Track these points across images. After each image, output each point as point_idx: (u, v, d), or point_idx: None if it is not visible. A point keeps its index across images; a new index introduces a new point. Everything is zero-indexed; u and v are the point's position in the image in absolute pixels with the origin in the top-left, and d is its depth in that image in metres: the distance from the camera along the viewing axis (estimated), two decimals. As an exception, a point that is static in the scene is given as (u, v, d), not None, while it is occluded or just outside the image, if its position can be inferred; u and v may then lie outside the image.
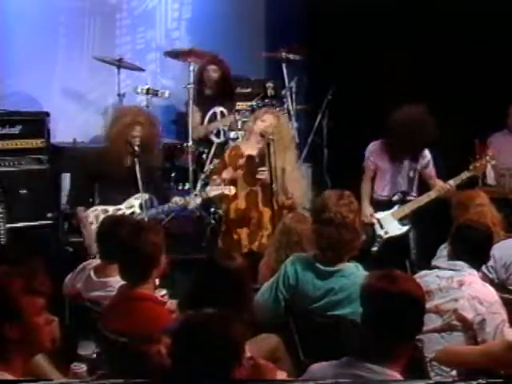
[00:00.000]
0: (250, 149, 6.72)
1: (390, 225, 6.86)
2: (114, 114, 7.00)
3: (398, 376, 3.18)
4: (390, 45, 8.18)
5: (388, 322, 3.18)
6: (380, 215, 6.89)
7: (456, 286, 4.52)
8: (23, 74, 7.98)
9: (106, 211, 6.48)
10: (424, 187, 6.96)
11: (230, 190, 6.60)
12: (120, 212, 6.49)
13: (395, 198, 6.93)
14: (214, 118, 8.04)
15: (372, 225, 6.86)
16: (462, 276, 4.55)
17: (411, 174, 6.93)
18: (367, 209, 6.90)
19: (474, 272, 4.61)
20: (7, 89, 7.99)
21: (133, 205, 6.55)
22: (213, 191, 6.59)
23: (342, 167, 8.07)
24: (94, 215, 6.44)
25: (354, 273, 4.57)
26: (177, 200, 6.57)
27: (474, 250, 4.68)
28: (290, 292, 4.68)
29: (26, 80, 7.98)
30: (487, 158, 6.74)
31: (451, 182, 6.69)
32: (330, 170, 8.22)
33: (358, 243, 4.66)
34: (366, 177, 7.04)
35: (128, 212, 6.51)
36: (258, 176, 6.51)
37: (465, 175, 6.67)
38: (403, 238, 6.83)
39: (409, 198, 6.93)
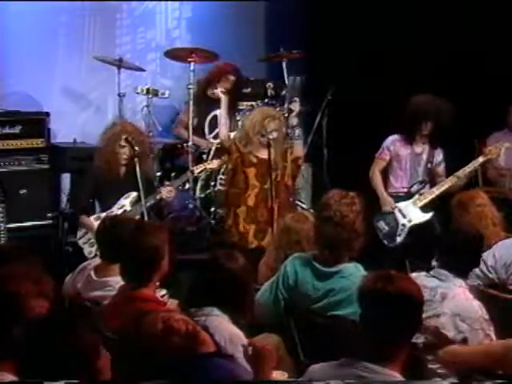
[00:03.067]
0: (260, 151, 6.71)
1: (413, 213, 6.81)
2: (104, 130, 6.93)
3: (398, 376, 3.18)
4: (390, 45, 8.18)
5: (386, 322, 3.18)
6: (401, 205, 6.84)
7: (439, 299, 4.38)
8: (23, 74, 7.97)
9: (99, 218, 6.48)
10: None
11: (213, 164, 6.86)
12: (112, 214, 6.52)
13: (414, 188, 6.90)
14: (214, 120, 8.01)
15: (391, 213, 6.83)
16: (447, 288, 4.40)
17: (429, 165, 6.93)
18: (387, 198, 6.88)
19: (460, 282, 4.46)
20: (7, 89, 7.99)
21: (123, 204, 6.56)
22: (197, 169, 6.88)
23: (342, 167, 8.07)
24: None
25: (354, 273, 4.57)
26: (162, 190, 6.60)
27: (460, 257, 4.55)
28: (290, 292, 4.68)
29: (26, 80, 7.97)
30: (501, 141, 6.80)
31: (463, 171, 6.72)
32: (329, 169, 8.21)
33: (356, 244, 4.64)
34: (377, 168, 7.02)
35: (119, 212, 6.52)
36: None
37: (481, 159, 6.73)
38: (429, 226, 6.79)
39: (426, 188, 6.91)
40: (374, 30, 8.27)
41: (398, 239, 6.78)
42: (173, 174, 7.86)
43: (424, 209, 6.82)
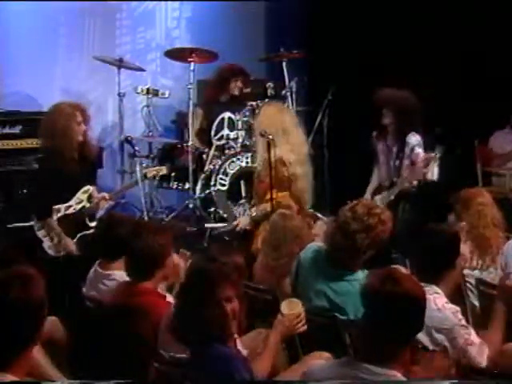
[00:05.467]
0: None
1: None
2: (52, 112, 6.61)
3: (399, 376, 3.18)
4: (390, 45, 8.18)
5: (390, 323, 3.18)
6: (376, 198, 6.84)
7: None
8: (23, 74, 7.98)
9: (58, 210, 6.37)
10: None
11: (162, 170, 6.87)
12: (71, 209, 6.37)
13: (386, 183, 6.93)
14: (221, 123, 8.01)
15: None
16: None
17: (397, 162, 6.88)
18: (365, 195, 6.92)
19: (432, 288, 4.24)
20: (7, 89, 8.00)
21: (81, 199, 6.44)
22: (149, 173, 6.80)
23: (343, 167, 8.08)
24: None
25: (359, 280, 4.53)
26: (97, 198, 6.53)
27: (435, 258, 4.30)
28: (296, 274, 4.73)
29: (26, 80, 7.99)
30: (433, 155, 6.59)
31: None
32: (330, 170, 8.21)
33: (354, 256, 4.60)
34: (375, 165, 7.09)
35: (78, 207, 6.42)
36: None
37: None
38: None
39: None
40: (375, 29, 8.27)
41: None
42: (173, 174, 7.87)
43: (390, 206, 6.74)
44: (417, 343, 4.07)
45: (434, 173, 6.64)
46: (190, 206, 7.64)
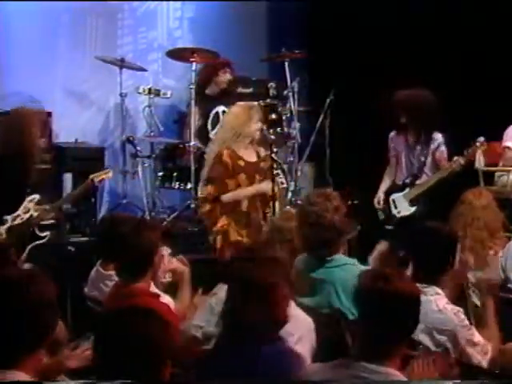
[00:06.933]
0: (248, 153, 6.61)
1: (402, 205, 7.01)
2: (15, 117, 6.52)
3: (396, 373, 3.19)
4: (391, 45, 8.18)
5: (384, 321, 3.20)
6: (395, 196, 7.05)
7: None
8: (25, 74, 7.98)
9: (5, 221, 6.23)
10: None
11: (110, 173, 6.68)
12: (18, 219, 6.23)
13: (407, 180, 7.07)
14: (216, 118, 8.03)
15: (388, 206, 7.06)
16: None
17: (422, 158, 7.02)
18: (378, 195, 7.10)
19: (433, 290, 4.20)
20: (8, 89, 8.00)
21: (29, 208, 6.34)
22: (96, 177, 6.55)
23: (344, 167, 8.09)
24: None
25: (346, 264, 4.55)
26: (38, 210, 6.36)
27: (432, 258, 4.26)
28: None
29: (28, 80, 7.98)
30: (477, 144, 6.74)
31: (450, 163, 6.83)
32: (332, 169, 8.22)
33: (339, 241, 4.60)
34: (389, 165, 7.21)
35: (26, 217, 6.25)
36: None
37: (462, 160, 6.74)
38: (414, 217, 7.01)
39: (419, 180, 7.04)
40: (375, 30, 8.27)
41: (388, 227, 7.01)
42: (174, 174, 7.87)
43: (412, 202, 6.98)
44: (418, 344, 4.10)
45: (480, 161, 6.86)
46: (192, 206, 7.65)
